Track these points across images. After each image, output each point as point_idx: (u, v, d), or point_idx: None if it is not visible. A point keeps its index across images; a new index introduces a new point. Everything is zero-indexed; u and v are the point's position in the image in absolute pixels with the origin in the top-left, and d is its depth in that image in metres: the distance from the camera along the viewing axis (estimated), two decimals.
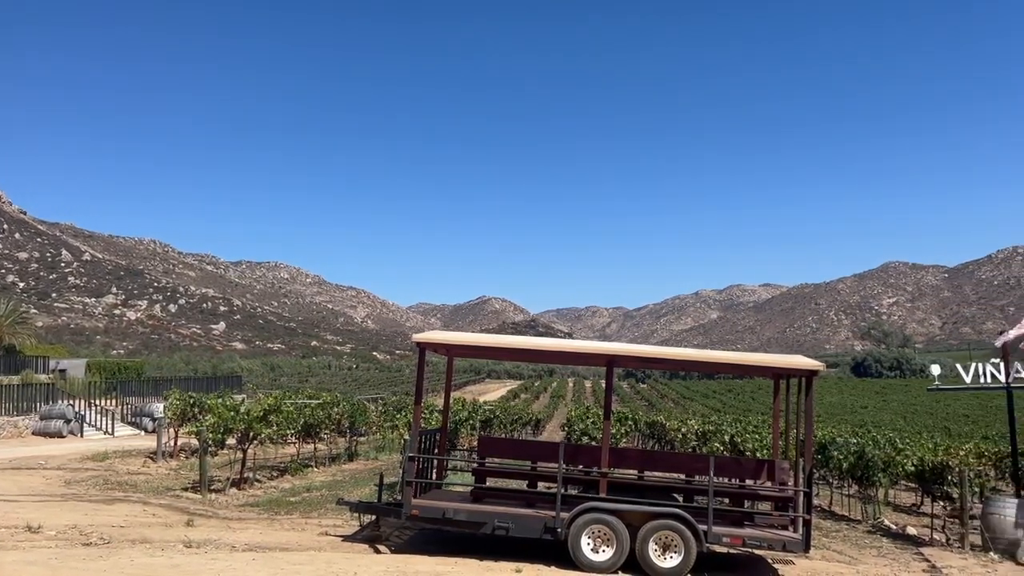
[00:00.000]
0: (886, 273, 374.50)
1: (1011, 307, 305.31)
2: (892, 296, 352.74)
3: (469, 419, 21.09)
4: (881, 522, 15.12)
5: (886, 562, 11.32)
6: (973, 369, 16.67)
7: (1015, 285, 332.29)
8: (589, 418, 16.61)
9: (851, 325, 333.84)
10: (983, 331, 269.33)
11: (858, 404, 73.06)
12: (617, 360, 11.32)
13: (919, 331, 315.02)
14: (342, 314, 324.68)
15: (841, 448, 16.82)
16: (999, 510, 12.32)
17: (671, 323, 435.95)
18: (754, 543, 9.71)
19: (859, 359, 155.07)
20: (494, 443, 12.62)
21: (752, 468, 11.48)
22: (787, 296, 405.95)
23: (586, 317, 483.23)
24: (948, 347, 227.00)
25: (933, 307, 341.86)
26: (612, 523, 9.49)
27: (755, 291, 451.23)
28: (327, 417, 21.77)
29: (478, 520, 9.92)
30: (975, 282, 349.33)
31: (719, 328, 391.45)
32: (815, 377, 10.27)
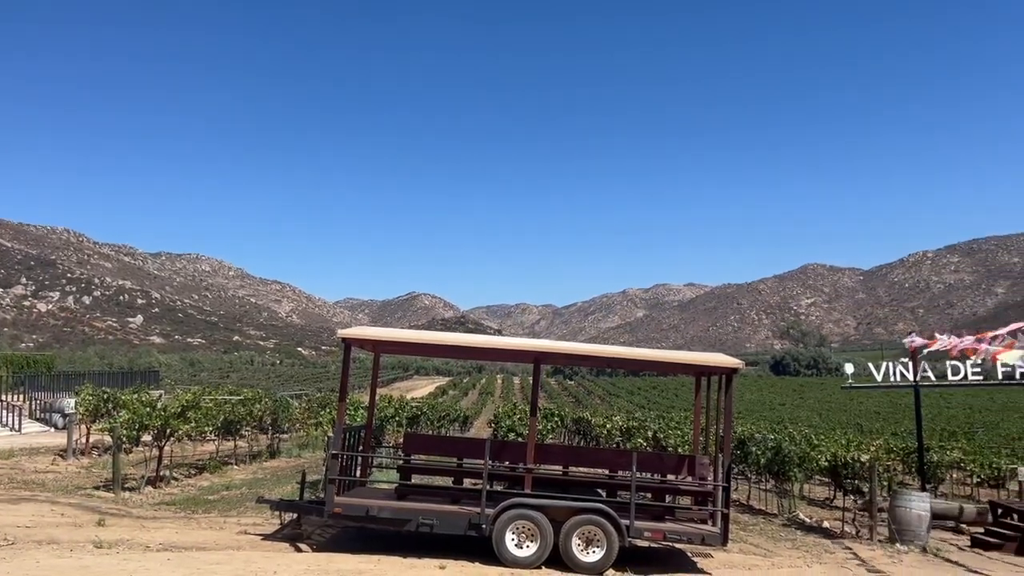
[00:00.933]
0: (805, 275, 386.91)
1: (920, 308, 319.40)
2: (810, 297, 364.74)
3: (396, 416, 20.91)
4: (796, 515, 15.58)
5: (799, 554, 11.68)
6: (884, 368, 17.38)
7: (924, 288, 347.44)
8: (516, 415, 16.64)
9: (771, 324, 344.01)
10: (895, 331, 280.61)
11: (776, 401, 75.34)
12: (544, 357, 11.37)
13: (835, 331, 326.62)
14: (266, 309, 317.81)
15: (759, 444, 17.27)
16: (905, 503, 12.87)
17: (599, 321, 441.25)
18: (674, 537, 9.90)
19: (778, 358, 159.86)
20: (420, 440, 12.54)
21: (673, 463, 11.70)
22: (711, 296, 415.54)
23: (516, 314, 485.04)
24: (862, 347, 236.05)
25: (849, 308, 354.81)
26: (536, 519, 9.53)
27: (680, 290, 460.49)
28: (248, 414, 21.27)
29: (402, 517, 9.85)
30: (888, 284, 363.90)
31: (645, 326, 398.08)
32: (735, 375, 10.53)
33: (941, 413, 56.91)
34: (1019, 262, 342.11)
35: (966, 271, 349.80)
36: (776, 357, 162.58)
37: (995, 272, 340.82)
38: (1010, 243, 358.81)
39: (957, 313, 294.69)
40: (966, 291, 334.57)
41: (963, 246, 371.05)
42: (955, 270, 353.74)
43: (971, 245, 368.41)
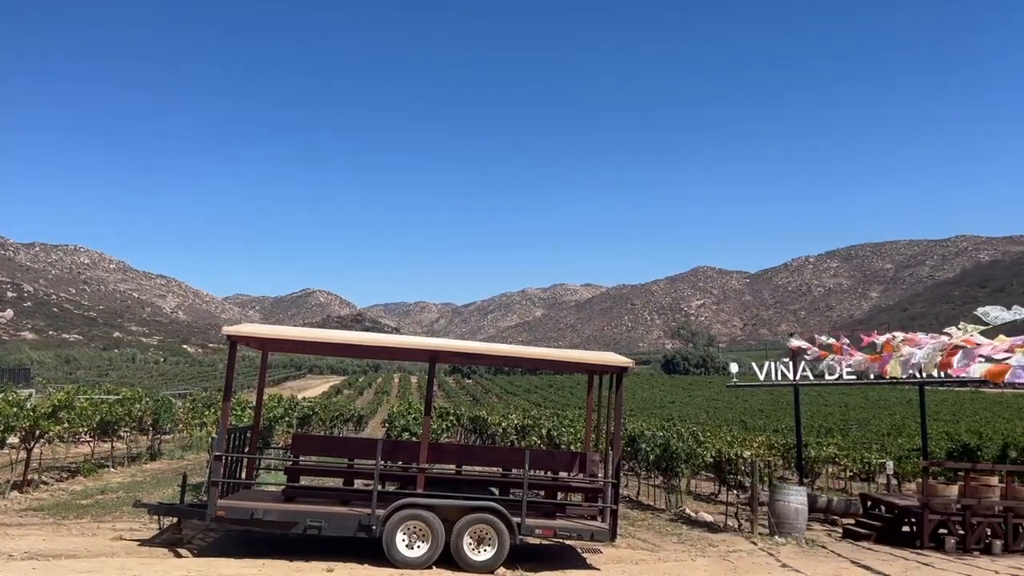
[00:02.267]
0: (696, 277, 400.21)
1: (802, 311, 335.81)
2: (700, 299, 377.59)
3: (285, 416, 20.34)
4: (683, 510, 16.04)
5: (684, 548, 12.03)
6: (766, 368, 18.14)
7: (806, 291, 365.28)
8: (411, 414, 16.47)
9: (663, 325, 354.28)
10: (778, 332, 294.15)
11: (667, 399, 77.58)
12: (439, 356, 11.29)
13: (723, 331, 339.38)
14: (149, 304, 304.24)
15: (649, 441, 17.69)
16: (784, 497, 13.44)
17: (498, 320, 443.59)
18: (564, 534, 10.01)
19: (669, 357, 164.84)
20: (309, 440, 12.24)
21: (565, 461, 11.83)
22: (606, 296, 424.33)
23: (415, 312, 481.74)
24: (748, 347, 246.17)
25: (736, 309, 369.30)
26: (428, 518, 9.45)
27: (577, 290, 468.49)
28: (127, 414, 20.25)
29: (289, 520, 9.58)
30: (772, 287, 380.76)
31: (543, 325, 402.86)
32: (625, 374, 10.74)
33: (819, 410, 59.86)
34: (892, 268, 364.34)
35: (844, 276, 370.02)
36: (667, 356, 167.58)
37: (870, 277, 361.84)
38: (884, 250, 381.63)
39: (836, 315, 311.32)
40: (844, 295, 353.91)
41: (842, 252, 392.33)
42: (834, 275, 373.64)
43: (849, 251, 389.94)
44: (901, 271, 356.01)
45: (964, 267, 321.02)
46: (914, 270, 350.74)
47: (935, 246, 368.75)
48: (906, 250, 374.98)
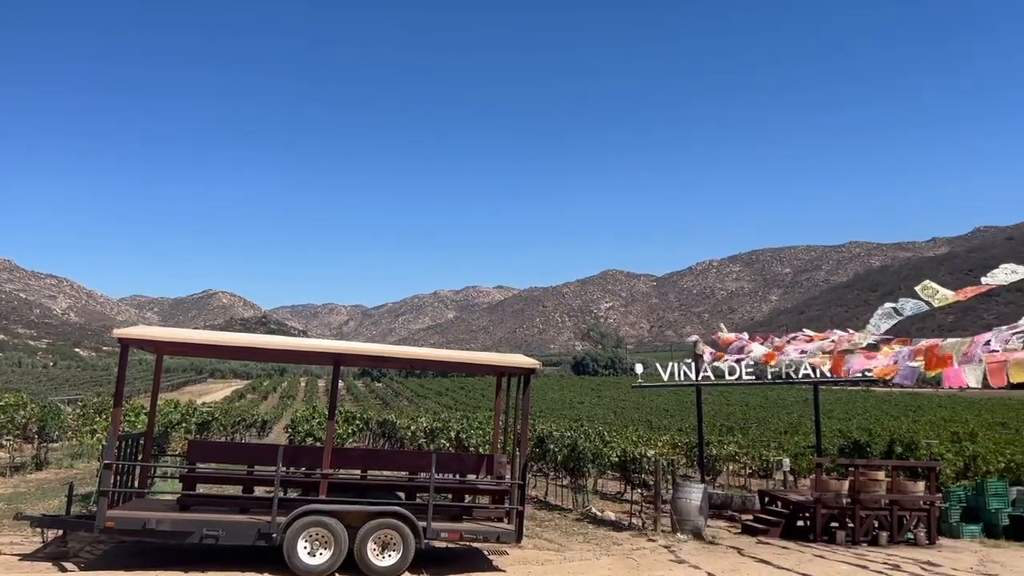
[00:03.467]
0: (605, 280, 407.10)
1: (706, 313, 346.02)
2: (609, 301, 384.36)
3: (183, 422, 19.56)
4: (589, 510, 16.24)
5: (590, 547, 12.16)
6: (670, 369, 18.59)
7: (710, 294, 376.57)
8: (316, 418, 16.14)
9: (573, 327, 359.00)
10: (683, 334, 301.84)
11: (576, 400, 78.62)
12: (344, 359, 11.07)
13: (631, 333, 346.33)
14: (38, 305, 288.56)
15: (557, 442, 17.85)
16: (686, 495, 13.78)
17: (409, 322, 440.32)
18: (471, 536, 9.97)
19: (579, 358, 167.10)
20: (206, 447, 11.81)
21: (473, 463, 11.79)
22: (518, 298, 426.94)
23: (323, 315, 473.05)
24: (654, 348, 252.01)
25: (643, 312, 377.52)
26: (331, 525, 9.26)
27: (490, 292, 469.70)
28: (10, 421, 19.09)
29: (184, 529, 9.21)
30: (678, 290, 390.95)
31: (455, 327, 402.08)
32: (533, 375, 10.79)
33: (722, 410, 61.71)
34: (790, 272, 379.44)
35: (746, 279, 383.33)
36: (577, 358, 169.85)
37: (770, 281, 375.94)
38: (783, 255, 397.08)
39: (738, 318, 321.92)
40: (746, 298, 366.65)
41: (744, 256, 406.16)
42: (736, 278, 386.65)
43: (751, 256, 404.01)
44: (799, 275, 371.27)
45: (857, 272, 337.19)
46: (811, 274, 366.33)
47: (830, 252, 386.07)
48: (803, 255, 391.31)
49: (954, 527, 14.94)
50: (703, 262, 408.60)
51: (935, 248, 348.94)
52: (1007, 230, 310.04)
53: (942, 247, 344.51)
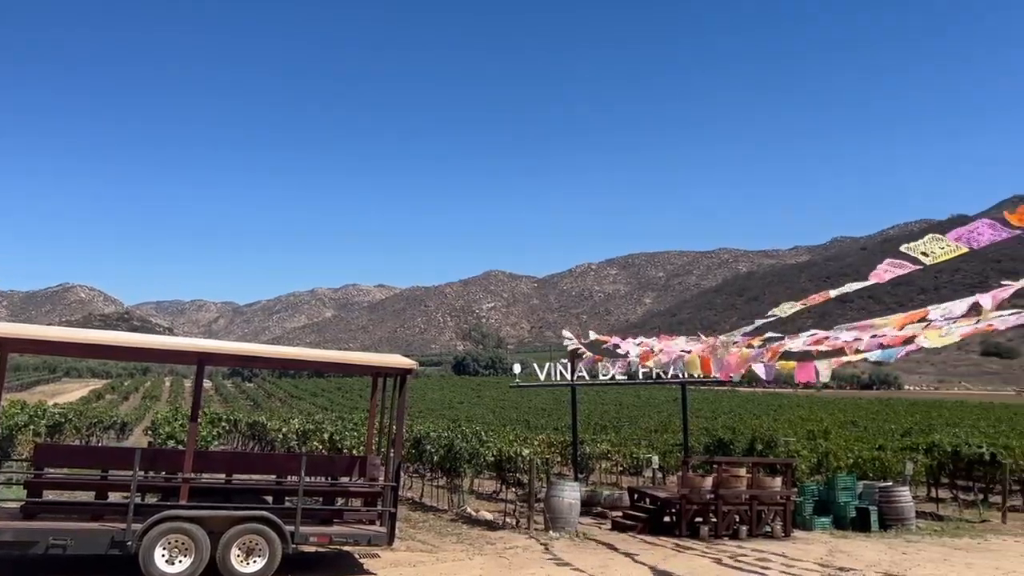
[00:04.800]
0: (487, 280, 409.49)
1: (584, 315, 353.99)
2: (491, 302, 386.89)
3: (30, 424, 18.23)
4: (464, 510, 16.24)
5: (463, 547, 12.15)
6: (547, 369, 18.85)
7: (588, 296, 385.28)
8: (178, 420, 15.37)
9: (455, 327, 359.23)
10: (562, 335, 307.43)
11: (456, 400, 78.64)
12: (209, 358, 10.60)
13: (512, 334, 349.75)
14: None
15: (434, 442, 17.78)
16: (559, 493, 14.00)
17: (284, 320, 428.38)
18: (341, 540, 9.77)
19: (460, 358, 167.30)
20: (56, 450, 11.05)
21: (345, 465, 11.56)
22: (400, 297, 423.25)
23: (191, 311, 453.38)
24: (534, 348, 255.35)
25: (524, 313, 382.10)
26: (191, 531, 8.84)
27: (370, 291, 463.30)
28: None
29: (28, 539, 8.56)
30: (558, 292, 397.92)
31: (334, 327, 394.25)
32: (409, 375, 10.68)
33: (597, 409, 63.16)
34: (664, 276, 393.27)
35: (622, 283, 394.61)
36: (458, 358, 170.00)
37: (645, 284, 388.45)
38: (657, 259, 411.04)
39: (614, 319, 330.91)
40: (621, 300, 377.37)
41: (620, 260, 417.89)
42: (613, 281, 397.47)
43: (627, 260, 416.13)
44: (672, 279, 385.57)
45: (725, 277, 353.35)
46: (683, 278, 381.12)
47: (701, 257, 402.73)
48: (676, 260, 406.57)
49: (807, 520, 15.82)
50: (582, 265, 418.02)
51: (797, 256, 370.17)
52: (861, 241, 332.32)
53: (803, 255, 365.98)
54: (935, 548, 13.42)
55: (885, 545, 13.54)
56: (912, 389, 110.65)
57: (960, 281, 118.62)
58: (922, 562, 11.98)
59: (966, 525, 16.22)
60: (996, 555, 12.82)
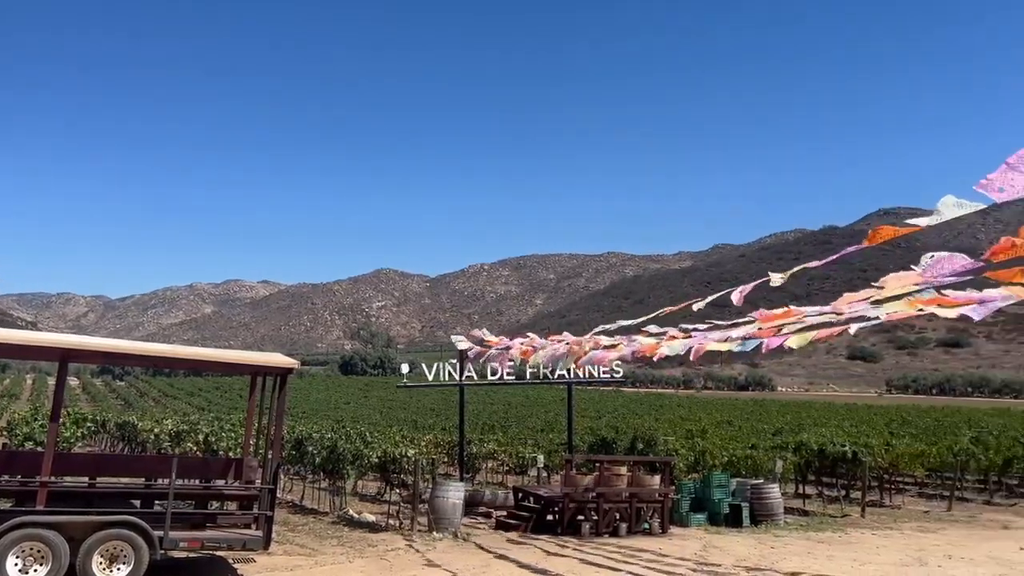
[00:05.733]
0: (378, 279, 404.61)
1: (476, 315, 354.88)
2: (382, 300, 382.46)
3: None
4: (347, 512, 15.94)
5: (343, 550, 11.92)
6: (435, 369, 18.75)
7: (480, 296, 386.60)
8: (38, 420, 14.39)
9: (343, 325, 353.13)
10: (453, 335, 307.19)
11: (342, 400, 77.28)
12: (73, 355, 9.98)
13: (402, 333, 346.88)
14: None
15: (316, 443, 17.39)
16: (444, 493, 13.93)
17: (160, 316, 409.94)
18: (214, 544, 9.41)
19: (347, 358, 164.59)
20: None
21: (220, 467, 11.13)
22: (285, 294, 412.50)
23: (57, 305, 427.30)
24: (425, 348, 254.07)
25: (415, 312, 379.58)
26: (48, 538, 8.29)
27: (254, 287, 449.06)
28: None
29: None
30: (450, 292, 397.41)
31: (214, 323, 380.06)
32: (289, 375, 10.39)
33: (486, 408, 63.43)
34: (554, 278, 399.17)
35: (514, 284, 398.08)
36: (345, 357, 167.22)
37: (536, 286, 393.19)
38: (548, 262, 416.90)
39: (505, 320, 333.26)
40: (513, 301, 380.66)
41: (512, 261, 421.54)
42: (505, 282, 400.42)
43: (519, 261, 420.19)
44: (562, 281, 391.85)
45: (613, 280, 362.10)
46: (572, 281, 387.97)
47: (590, 260, 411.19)
48: (567, 263, 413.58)
49: (684, 516, 16.35)
50: (475, 265, 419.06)
51: (680, 261, 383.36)
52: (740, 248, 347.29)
53: (686, 260, 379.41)
54: (800, 542, 14.14)
55: (755, 540, 14.15)
56: (784, 391, 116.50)
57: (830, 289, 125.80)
58: (788, 555, 12.59)
59: (829, 520, 17.15)
60: (854, 547, 13.62)
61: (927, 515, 18.17)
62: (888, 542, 14.29)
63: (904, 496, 21.17)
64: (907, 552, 13.14)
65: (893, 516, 17.87)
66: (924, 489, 22.24)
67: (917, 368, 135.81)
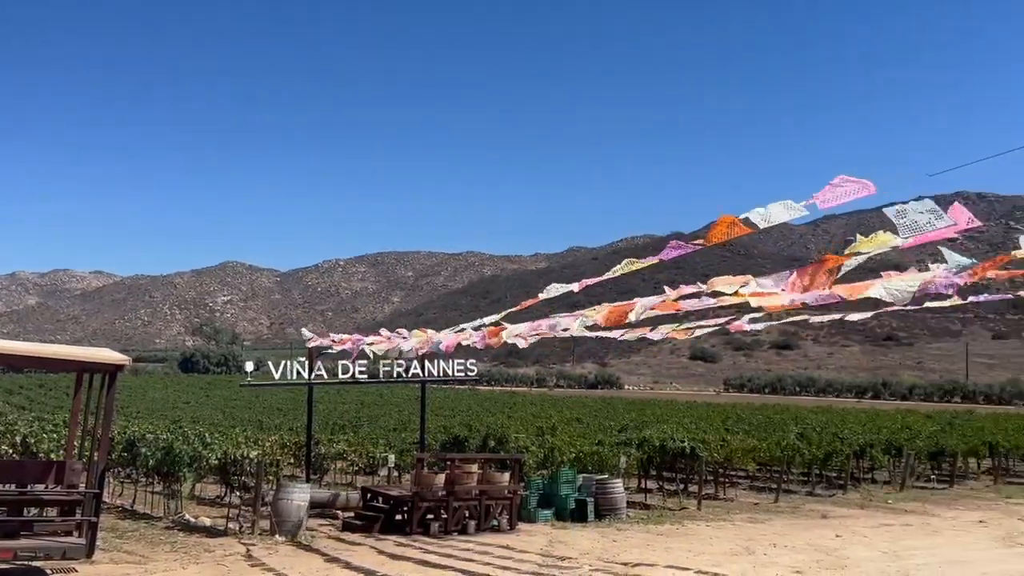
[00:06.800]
0: (224, 272, 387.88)
1: (330, 312, 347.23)
2: (228, 294, 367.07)
3: None
4: (182, 517, 15.15)
5: (177, 556, 11.30)
6: (282, 367, 18.14)
7: (335, 293, 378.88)
8: None
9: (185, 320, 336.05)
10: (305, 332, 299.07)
11: (182, 400, 73.33)
12: None
13: (250, 329, 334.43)
14: None
15: (150, 444, 16.43)
16: (287, 496, 13.48)
17: None
18: (29, 554, 8.67)
19: (188, 355, 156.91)
20: None
21: (39, 471, 10.28)
22: (120, 286, 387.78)
23: None
24: (274, 345, 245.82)
25: (264, 307, 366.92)
26: None
27: (85, 278, 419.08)
28: None
29: None
30: (303, 287, 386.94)
31: (38, 316, 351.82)
32: (120, 372, 9.75)
33: (337, 408, 62.06)
34: (412, 276, 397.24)
35: (370, 280, 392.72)
36: (186, 354, 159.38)
37: (393, 283, 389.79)
38: (406, 259, 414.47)
39: (360, 317, 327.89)
40: (369, 298, 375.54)
41: (369, 258, 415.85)
42: (362, 279, 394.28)
43: (376, 258, 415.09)
44: (420, 279, 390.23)
45: (471, 279, 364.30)
46: (431, 279, 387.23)
47: (449, 259, 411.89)
48: (425, 260, 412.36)
49: (532, 513, 16.60)
50: (330, 260, 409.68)
51: (537, 262, 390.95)
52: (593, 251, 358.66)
53: (542, 262, 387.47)
54: (641, 535, 14.70)
55: (599, 534, 14.59)
56: (631, 389, 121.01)
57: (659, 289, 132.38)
58: (629, 548, 13.06)
59: (668, 513, 17.93)
60: (690, 538, 14.32)
61: (757, 507, 19.35)
62: (721, 533, 15.11)
63: (737, 489, 22.45)
64: (737, 542, 13.94)
65: (726, 508, 18.92)
66: (755, 482, 23.66)
67: (752, 368, 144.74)
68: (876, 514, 18.13)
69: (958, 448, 25.32)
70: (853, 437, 24.96)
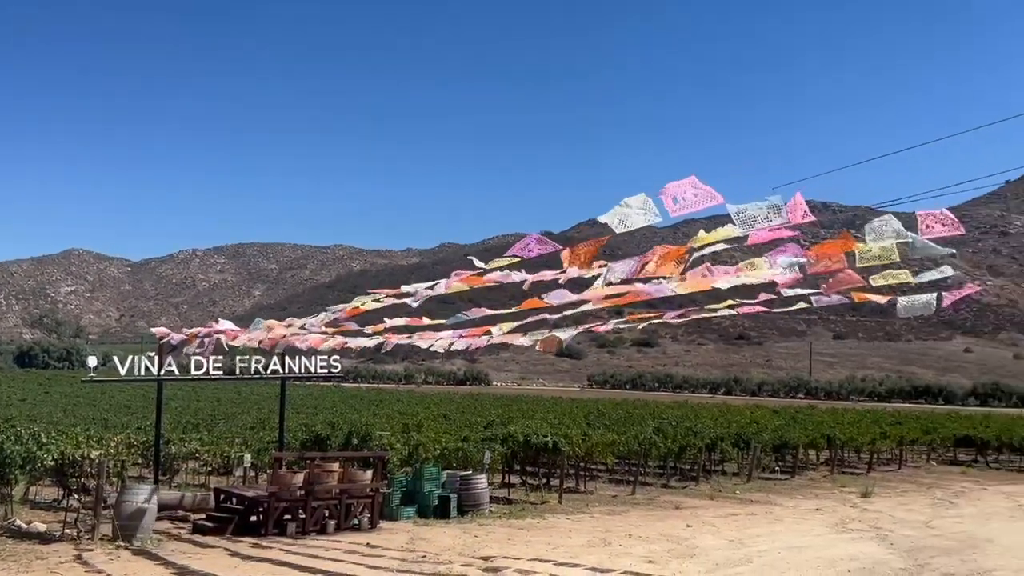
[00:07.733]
0: (68, 260, 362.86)
1: (185, 304, 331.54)
2: (72, 285, 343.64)
3: None
4: (13, 522, 14.04)
5: (5, 565, 10.45)
6: (129, 362, 17.09)
7: (191, 285, 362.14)
8: None
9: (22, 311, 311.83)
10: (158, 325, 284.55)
11: (17, 397, 68.07)
12: None
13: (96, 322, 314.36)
14: None
15: None
16: (132, 498, 12.73)
17: None
18: None
19: (26, 348, 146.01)
20: None
21: None
22: None
23: None
24: (123, 339, 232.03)
25: (113, 299, 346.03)
26: None
27: None
28: None
29: None
30: (156, 278, 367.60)
31: None
32: None
33: (191, 405, 59.26)
34: (275, 268, 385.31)
35: (230, 272, 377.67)
36: (24, 348, 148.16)
37: (255, 275, 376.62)
38: (270, 251, 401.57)
39: (219, 310, 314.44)
40: (229, 291, 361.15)
41: (229, 249, 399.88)
42: (221, 271, 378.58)
43: (237, 249, 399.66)
44: (284, 272, 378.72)
45: (339, 273, 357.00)
46: (296, 272, 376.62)
47: (316, 252, 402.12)
48: (291, 253, 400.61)
49: (395, 510, 16.40)
50: (186, 251, 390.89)
51: (408, 257, 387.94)
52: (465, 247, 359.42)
53: (414, 257, 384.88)
54: (503, 529, 14.82)
55: (461, 530, 14.59)
56: (499, 385, 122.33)
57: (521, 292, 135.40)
58: (489, 542, 13.13)
59: (530, 507, 18.18)
60: (550, 532, 14.57)
61: (615, 499, 19.93)
62: (579, 525, 15.45)
63: (597, 482, 23.06)
64: (594, 534, 14.30)
65: (586, 501, 19.38)
66: (615, 475, 24.36)
67: (614, 365, 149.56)
68: (725, 504, 19.08)
69: (800, 441, 27.07)
70: (706, 431, 26.15)
